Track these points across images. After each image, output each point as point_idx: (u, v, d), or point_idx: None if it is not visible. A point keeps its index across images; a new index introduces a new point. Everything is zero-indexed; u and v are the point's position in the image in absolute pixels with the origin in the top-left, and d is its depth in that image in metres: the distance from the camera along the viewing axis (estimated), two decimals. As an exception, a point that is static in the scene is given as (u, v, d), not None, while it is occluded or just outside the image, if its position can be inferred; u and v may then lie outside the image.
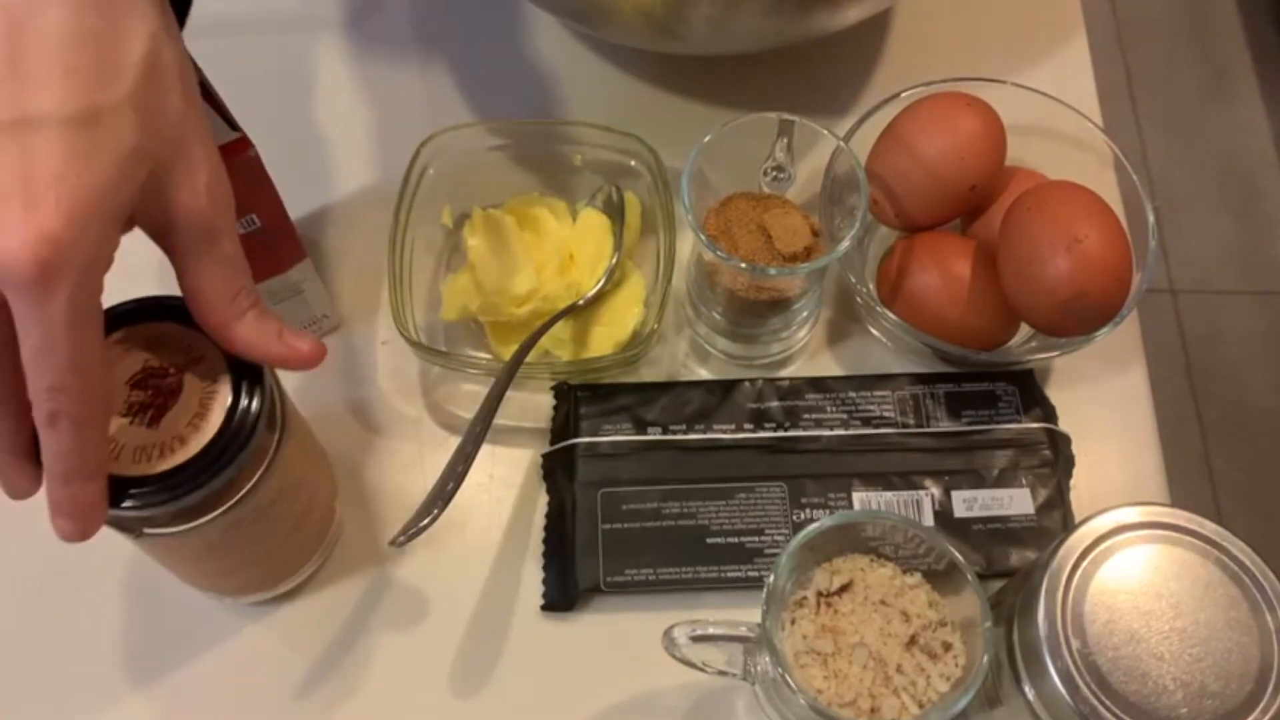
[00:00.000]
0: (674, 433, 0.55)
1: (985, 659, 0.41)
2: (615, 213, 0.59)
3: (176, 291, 0.43)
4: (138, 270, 0.59)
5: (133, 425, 0.40)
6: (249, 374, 0.41)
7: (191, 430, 0.40)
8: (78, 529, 0.37)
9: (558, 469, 0.55)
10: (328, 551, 0.53)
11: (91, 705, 0.51)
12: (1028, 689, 0.42)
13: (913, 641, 0.43)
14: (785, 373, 0.58)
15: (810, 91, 0.67)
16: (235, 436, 0.40)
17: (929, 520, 0.53)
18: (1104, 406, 0.58)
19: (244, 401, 0.41)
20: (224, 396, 0.41)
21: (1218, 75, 1.75)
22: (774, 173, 0.56)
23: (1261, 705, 0.40)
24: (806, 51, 0.68)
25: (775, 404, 0.56)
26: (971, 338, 0.55)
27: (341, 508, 0.54)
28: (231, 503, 0.42)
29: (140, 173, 0.35)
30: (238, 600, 0.52)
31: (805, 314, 0.57)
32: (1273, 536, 1.37)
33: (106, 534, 0.43)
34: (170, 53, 0.36)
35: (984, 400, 0.56)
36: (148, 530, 0.42)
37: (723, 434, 0.55)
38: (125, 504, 0.39)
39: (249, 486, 0.42)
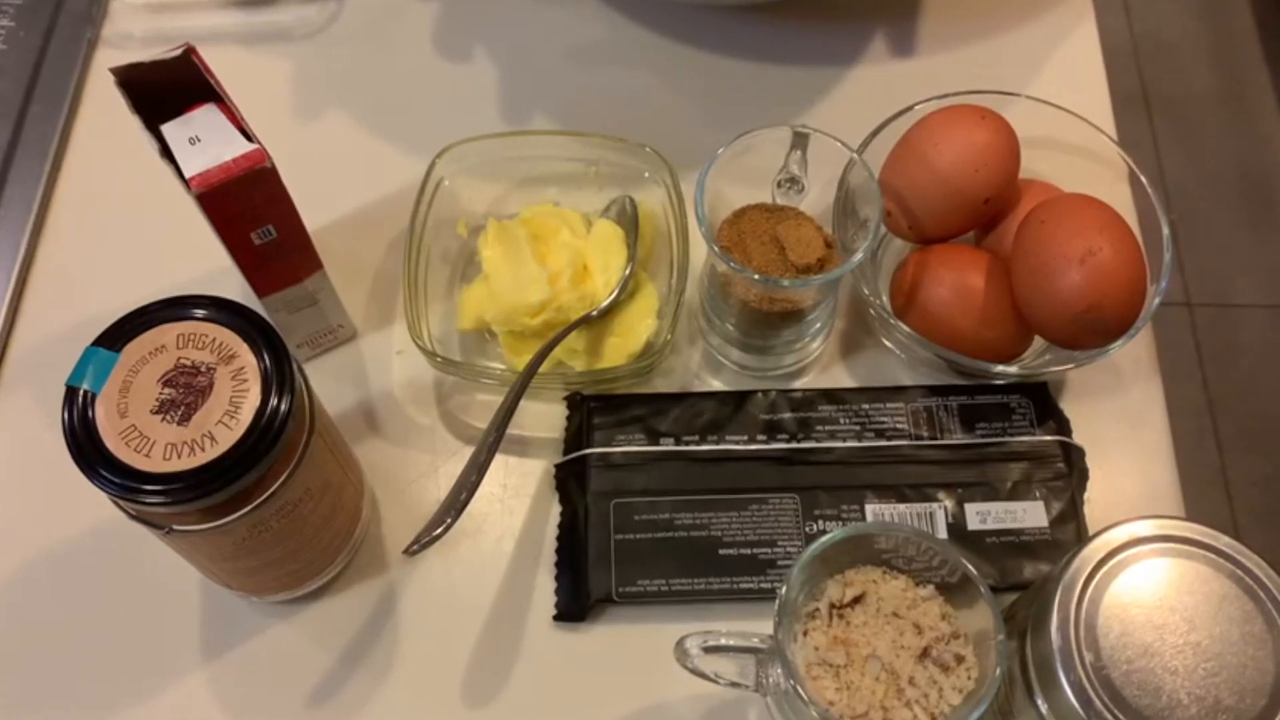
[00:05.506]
0: (687, 444, 0.55)
1: (998, 672, 0.41)
2: (629, 224, 0.59)
3: (207, 292, 0.44)
4: (170, 270, 0.60)
5: (164, 422, 0.41)
6: (280, 373, 0.42)
7: (222, 428, 0.41)
8: None
9: (570, 479, 0.55)
10: (353, 553, 0.53)
11: (118, 702, 0.51)
12: (1040, 702, 0.42)
13: (925, 654, 0.43)
14: (798, 384, 0.58)
15: (824, 103, 0.67)
16: (265, 435, 0.41)
17: (942, 533, 0.53)
18: (1119, 419, 0.58)
19: (274, 400, 0.41)
20: (254, 395, 0.41)
21: (1234, 88, 1.75)
22: (787, 184, 0.56)
23: (1276, 720, 0.39)
24: (821, 60, 0.68)
25: (788, 415, 0.56)
26: (985, 350, 0.55)
27: (369, 510, 0.54)
28: (259, 501, 0.43)
29: None
30: (263, 599, 0.52)
31: (818, 325, 0.57)
32: (1290, 551, 1.36)
33: (135, 531, 0.43)
34: None
35: (998, 413, 0.56)
36: (177, 527, 0.43)
37: (735, 445, 0.55)
38: (155, 500, 0.40)
39: (277, 485, 0.43)
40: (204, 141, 0.47)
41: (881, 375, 0.59)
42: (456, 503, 0.49)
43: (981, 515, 0.54)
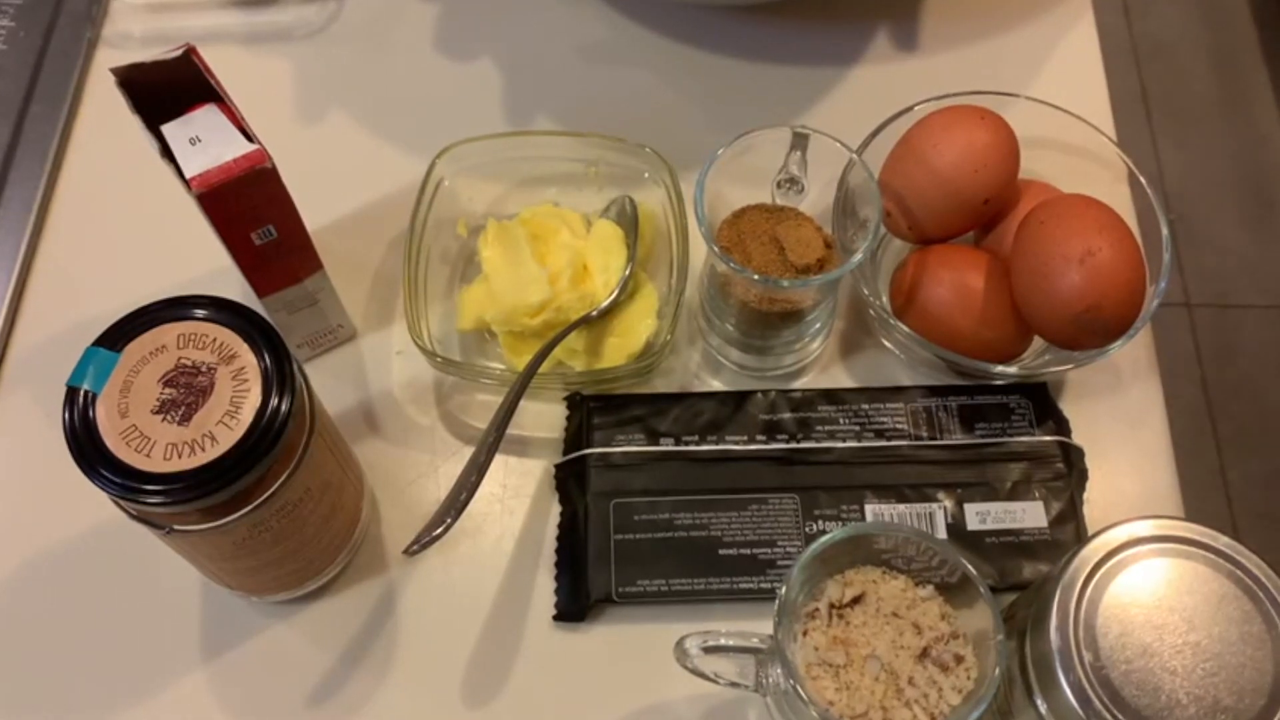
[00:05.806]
0: (686, 444, 0.55)
1: (997, 671, 0.41)
2: (629, 224, 0.59)
3: (208, 292, 0.44)
4: (170, 270, 0.60)
5: (164, 422, 0.41)
6: (280, 373, 0.42)
7: (222, 428, 0.41)
8: None
9: (570, 479, 0.55)
10: (353, 553, 0.53)
11: (118, 702, 0.51)
12: (1040, 702, 0.42)
13: (925, 654, 0.43)
14: (798, 384, 0.58)
15: (824, 103, 0.67)
16: (265, 435, 0.41)
17: (941, 533, 0.53)
18: (1118, 420, 0.58)
19: (274, 401, 0.41)
20: (255, 395, 0.41)
21: (1234, 88, 1.75)
22: (787, 185, 0.56)
23: (1275, 720, 0.39)
24: (821, 60, 0.68)
25: (788, 415, 0.56)
26: (984, 350, 0.55)
27: (369, 510, 0.54)
28: (259, 501, 0.43)
29: None
30: (263, 599, 0.53)
31: (818, 326, 0.57)
32: (1289, 551, 1.36)
33: (135, 531, 0.43)
34: None
35: (997, 413, 0.56)
36: (177, 527, 0.43)
37: (735, 445, 0.55)
38: (155, 500, 0.40)
39: (277, 485, 0.43)
40: (204, 141, 0.47)
41: (881, 375, 0.59)
42: (456, 503, 0.49)
43: (981, 515, 0.54)
